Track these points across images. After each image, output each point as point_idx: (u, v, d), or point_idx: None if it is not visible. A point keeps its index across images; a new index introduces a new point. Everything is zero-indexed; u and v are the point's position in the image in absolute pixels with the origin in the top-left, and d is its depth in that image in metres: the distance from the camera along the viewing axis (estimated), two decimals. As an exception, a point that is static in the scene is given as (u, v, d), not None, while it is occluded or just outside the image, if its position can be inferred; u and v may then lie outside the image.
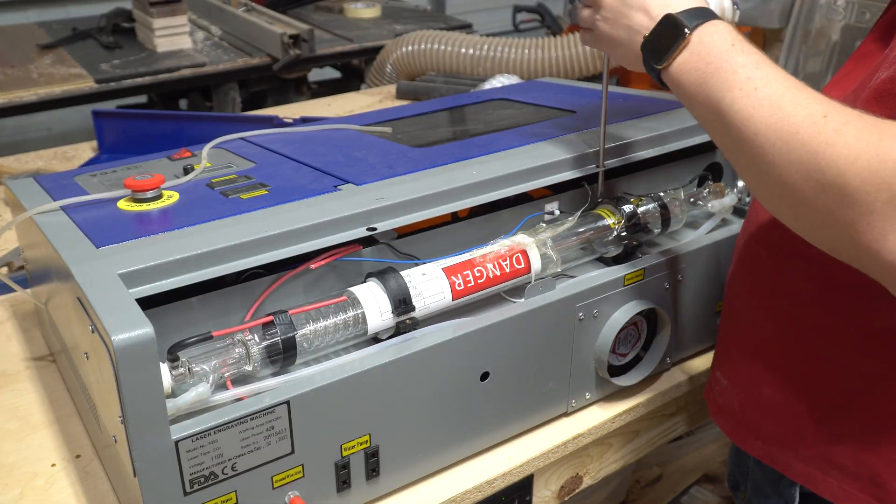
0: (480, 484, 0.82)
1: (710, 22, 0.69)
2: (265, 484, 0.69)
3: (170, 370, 0.64)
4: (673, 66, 0.70)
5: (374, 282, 0.77)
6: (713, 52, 0.67)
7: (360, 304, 0.75)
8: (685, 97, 0.70)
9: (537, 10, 2.75)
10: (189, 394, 0.65)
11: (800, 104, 0.60)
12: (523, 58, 1.98)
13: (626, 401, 0.94)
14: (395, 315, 0.76)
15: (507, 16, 2.96)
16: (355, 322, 0.75)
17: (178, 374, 0.65)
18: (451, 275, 0.79)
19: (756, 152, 0.61)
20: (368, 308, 0.75)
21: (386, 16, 2.95)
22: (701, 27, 0.69)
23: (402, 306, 0.76)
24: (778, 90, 0.61)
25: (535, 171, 0.87)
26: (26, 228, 0.90)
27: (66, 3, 3.33)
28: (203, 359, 0.67)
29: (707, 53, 0.67)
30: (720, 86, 0.65)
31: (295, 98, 2.57)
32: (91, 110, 1.70)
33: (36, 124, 3.17)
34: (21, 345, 1.05)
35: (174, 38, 2.44)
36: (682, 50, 0.69)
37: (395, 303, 0.76)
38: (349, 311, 0.75)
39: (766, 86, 0.62)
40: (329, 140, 1.03)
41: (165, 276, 0.67)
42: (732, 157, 0.67)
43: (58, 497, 0.79)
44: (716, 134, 0.68)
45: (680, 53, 0.69)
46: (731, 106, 0.64)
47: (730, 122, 0.64)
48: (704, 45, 0.68)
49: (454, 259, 0.81)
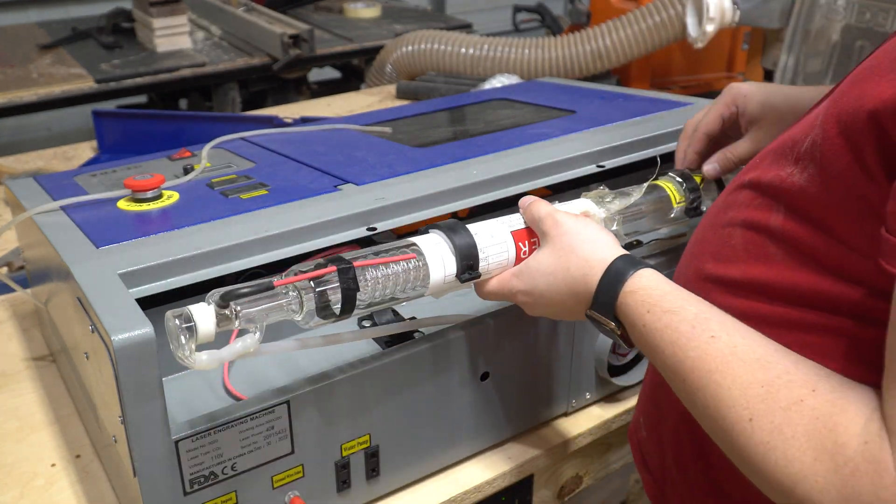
0: (480, 484, 0.82)
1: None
2: (265, 484, 0.69)
3: (215, 313, 0.59)
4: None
5: (439, 235, 0.70)
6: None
7: (425, 261, 0.68)
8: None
9: (537, 10, 2.75)
10: (235, 344, 0.60)
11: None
12: (523, 58, 1.98)
13: (626, 401, 0.94)
14: (459, 280, 0.70)
15: (507, 16, 2.95)
16: (415, 279, 0.68)
17: (223, 319, 0.59)
18: (519, 240, 0.73)
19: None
20: (433, 267, 0.68)
21: (386, 16, 2.95)
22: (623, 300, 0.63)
23: (469, 272, 0.70)
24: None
25: (535, 171, 0.87)
26: (26, 228, 0.90)
27: (66, 3, 3.33)
28: (251, 305, 0.60)
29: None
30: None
31: (295, 98, 2.57)
32: (91, 110, 1.70)
33: (36, 124, 3.17)
34: (21, 345, 1.05)
35: (174, 38, 2.44)
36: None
37: (461, 267, 0.69)
38: (411, 269, 0.67)
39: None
40: (329, 140, 1.03)
41: (165, 276, 0.67)
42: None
43: (58, 497, 0.79)
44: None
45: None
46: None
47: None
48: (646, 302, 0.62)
49: (518, 219, 0.74)
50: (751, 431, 0.50)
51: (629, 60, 1.93)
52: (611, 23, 1.93)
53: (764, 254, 0.60)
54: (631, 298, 0.62)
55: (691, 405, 0.56)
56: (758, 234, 0.61)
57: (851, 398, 0.48)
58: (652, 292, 0.61)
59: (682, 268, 0.72)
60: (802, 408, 0.49)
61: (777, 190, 0.59)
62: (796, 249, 0.57)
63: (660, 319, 0.59)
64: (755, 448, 0.50)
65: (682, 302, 0.59)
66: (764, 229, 0.60)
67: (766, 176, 0.61)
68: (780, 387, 0.50)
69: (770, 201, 0.60)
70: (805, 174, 0.56)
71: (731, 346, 0.54)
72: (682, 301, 0.59)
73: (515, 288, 0.71)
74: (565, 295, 0.67)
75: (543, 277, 0.69)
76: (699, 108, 1.08)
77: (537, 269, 0.69)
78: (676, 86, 2.10)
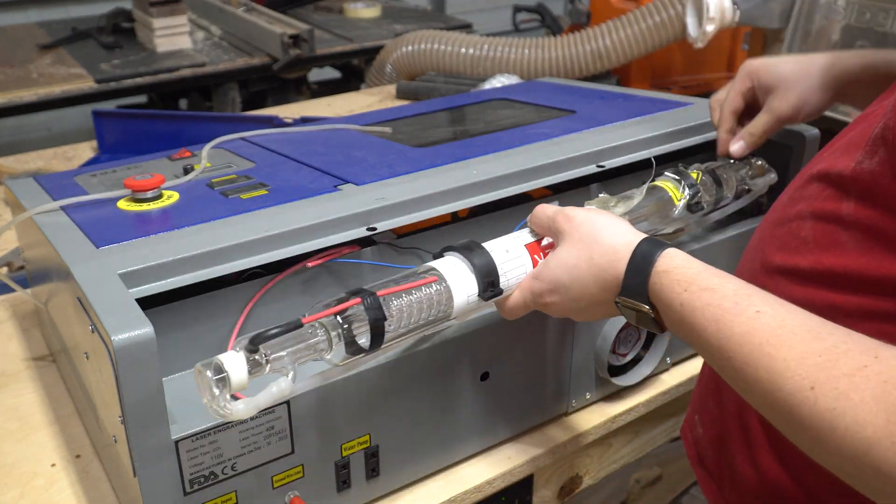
0: (480, 484, 0.82)
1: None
2: (265, 484, 0.69)
3: (246, 361, 0.57)
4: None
5: (456, 257, 0.69)
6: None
7: (447, 283, 0.67)
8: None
9: (537, 10, 2.75)
10: (270, 389, 0.58)
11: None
12: (523, 58, 1.98)
13: (626, 401, 0.94)
14: (482, 298, 0.69)
15: (507, 16, 2.95)
16: (439, 302, 0.67)
17: (255, 366, 0.57)
18: (534, 253, 0.72)
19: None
20: (456, 289, 0.67)
21: (386, 16, 2.95)
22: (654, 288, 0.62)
23: (491, 289, 0.69)
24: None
25: (535, 171, 0.87)
26: (26, 228, 0.90)
27: (66, 3, 3.33)
28: (280, 347, 0.59)
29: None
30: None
31: (295, 98, 2.57)
32: (91, 110, 1.70)
33: (36, 124, 3.17)
34: (21, 345, 1.05)
35: (174, 38, 2.44)
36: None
37: (483, 284, 0.68)
38: (433, 293, 0.66)
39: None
40: (329, 140, 1.03)
41: (165, 276, 0.67)
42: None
43: (58, 497, 0.79)
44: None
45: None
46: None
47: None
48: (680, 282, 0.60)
49: (527, 233, 0.74)
50: (814, 399, 0.48)
51: (629, 60, 1.93)
52: (611, 23, 1.93)
53: (835, 242, 0.59)
54: (666, 278, 0.60)
55: (741, 382, 0.54)
56: (828, 223, 0.60)
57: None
58: (686, 271, 0.59)
59: (745, 262, 0.71)
60: (868, 373, 0.47)
61: (847, 178, 0.59)
62: (868, 236, 0.56)
63: (699, 297, 0.57)
64: (821, 416, 0.48)
65: (719, 279, 0.58)
66: (835, 218, 0.59)
67: (836, 167, 0.61)
68: (839, 355, 0.49)
69: (840, 191, 0.59)
70: (875, 159, 0.56)
71: (780, 320, 0.52)
72: (718, 279, 0.58)
73: (538, 289, 0.69)
74: (591, 286, 0.65)
75: (567, 271, 0.67)
76: (699, 108, 1.08)
77: (558, 264, 0.67)
78: (676, 86, 2.10)
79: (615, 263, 0.63)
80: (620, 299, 0.64)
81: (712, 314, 0.56)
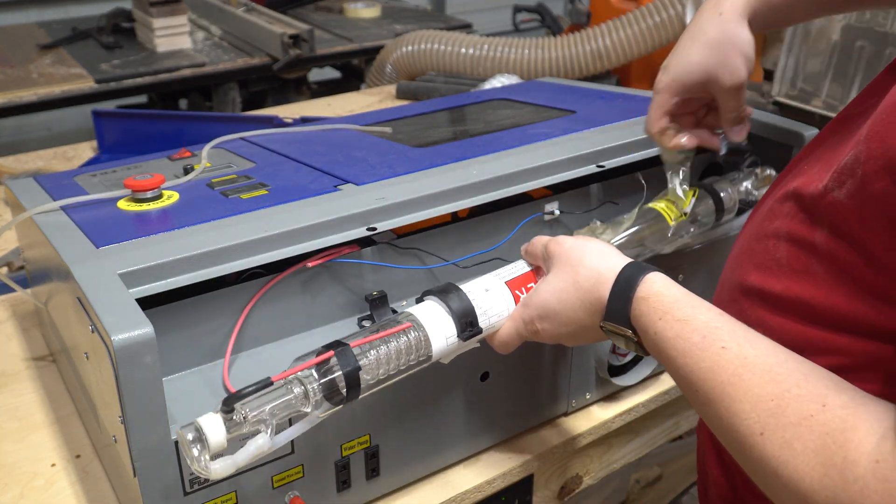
0: (480, 484, 0.82)
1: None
2: (265, 484, 0.69)
3: (224, 422, 0.58)
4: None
5: (433, 301, 0.71)
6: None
7: (423, 328, 0.68)
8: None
9: (537, 10, 2.75)
10: (248, 447, 0.60)
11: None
12: (523, 58, 1.98)
13: (626, 401, 0.94)
14: (461, 339, 0.70)
15: (507, 16, 2.95)
16: (417, 348, 0.68)
17: (233, 426, 0.59)
18: (515, 288, 0.73)
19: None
20: (432, 332, 0.68)
21: (386, 16, 2.96)
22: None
23: (469, 329, 0.70)
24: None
25: (535, 171, 0.87)
26: (26, 228, 0.90)
27: (66, 3, 3.33)
28: (258, 404, 0.60)
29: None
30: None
31: (295, 98, 2.57)
32: (91, 110, 1.70)
33: (36, 124, 3.17)
34: (21, 345, 1.05)
35: (174, 38, 2.44)
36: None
37: (461, 325, 0.69)
38: (411, 339, 0.68)
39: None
40: (329, 140, 1.03)
41: (165, 276, 0.67)
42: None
43: (58, 497, 0.79)
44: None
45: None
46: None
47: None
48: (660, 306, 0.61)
49: (511, 270, 0.75)
50: (762, 446, 0.50)
51: (629, 60, 1.94)
52: (611, 23, 1.93)
53: (808, 270, 0.59)
54: (644, 305, 0.61)
55: (704, 415, 0.56)
56: (802, 249, 0.60)
57: (864, 415, 0.47)
58: (663, 299, 0.60)
59: (727, 273, 0.71)
60: (812, 423, 0.48)
61: (819, 205, 0.58)
62: (841, 270, 0.56)
63: (671, 328, 0.58)
64: (767, 462, 0.50)
65: (693, 310, 0.58)
66: (808, 245, 0.59)
67: (808, 187, 0.60)
68: (789, 401, 0.50)
69: (812, 216, 0.59)
70: (844, 190, 0.55)
71: (742, 358, 0.54)
72: (692, 309, 0.59)
73: (528, 316, 0.70)
74: (578, 309, 0.66)
75: (554, 295, 0.68)
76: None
77: (546, 289, 0.69)
78: (676, 86, 2.10)
79: (599, 287, 0.64)
80: (605, 324, 0.65)
81: (682, 347, 0.57)
